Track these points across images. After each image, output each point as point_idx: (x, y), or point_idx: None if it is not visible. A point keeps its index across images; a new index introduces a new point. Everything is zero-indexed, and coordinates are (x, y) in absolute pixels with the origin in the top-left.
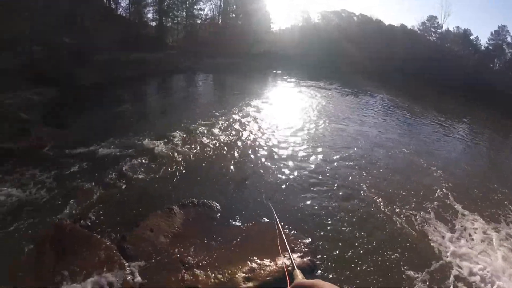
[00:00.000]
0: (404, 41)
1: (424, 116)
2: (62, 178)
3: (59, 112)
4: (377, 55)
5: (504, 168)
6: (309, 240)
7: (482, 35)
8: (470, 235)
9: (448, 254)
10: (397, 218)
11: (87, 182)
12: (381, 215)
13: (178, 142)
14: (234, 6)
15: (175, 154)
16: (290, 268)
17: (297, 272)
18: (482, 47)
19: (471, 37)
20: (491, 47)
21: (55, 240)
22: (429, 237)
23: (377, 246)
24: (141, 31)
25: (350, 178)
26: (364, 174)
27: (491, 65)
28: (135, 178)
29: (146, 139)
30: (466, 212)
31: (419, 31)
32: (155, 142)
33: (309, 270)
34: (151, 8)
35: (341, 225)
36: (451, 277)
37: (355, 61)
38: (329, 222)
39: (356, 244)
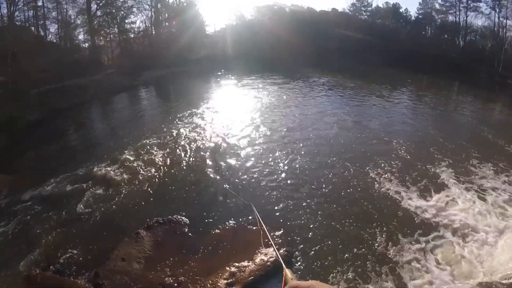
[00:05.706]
0: (337, 24)
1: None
2: (20, 226)
3: (5, 157)
4: (313, 41)
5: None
6: (281, 231)
7: (412, 6)
8: None
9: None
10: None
11: (47, 225)
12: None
13: (130, 163)
14: (166, 15)
15: (129, 176)
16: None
17: (287, 271)
18: (413, 18)
19: (401, 10)
20: (421, 16)
21: None
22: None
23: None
24: (74, 55)
25: (307, 166)
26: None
27: (423, 32)
28: (95, 210)
29: (98, 167)
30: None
31: (350, 12)
32: (107, 168)
33: (287, 261)
34: (81, 30)
35: (309, 213)
36: None
37: (292, 50)
38: (298, 212)
39: (326, 229)
